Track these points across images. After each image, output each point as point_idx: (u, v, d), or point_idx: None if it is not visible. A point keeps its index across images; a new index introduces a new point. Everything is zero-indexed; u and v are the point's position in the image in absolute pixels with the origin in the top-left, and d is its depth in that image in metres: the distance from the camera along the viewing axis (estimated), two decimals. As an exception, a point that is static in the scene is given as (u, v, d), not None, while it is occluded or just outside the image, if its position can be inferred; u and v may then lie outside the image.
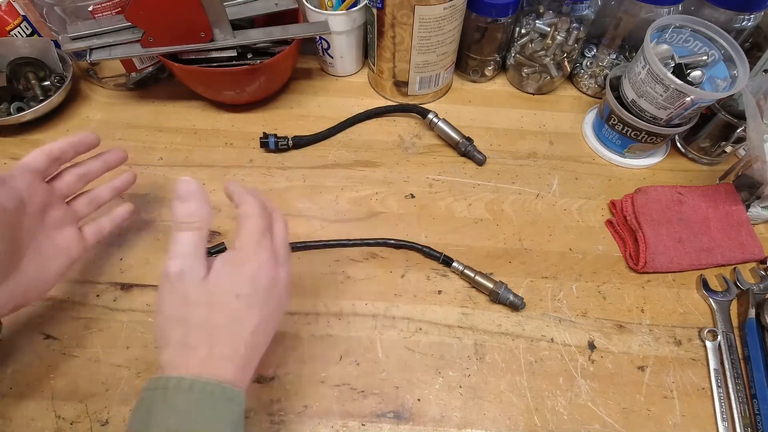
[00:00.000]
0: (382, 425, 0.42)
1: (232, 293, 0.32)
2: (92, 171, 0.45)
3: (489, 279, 0.49)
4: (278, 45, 0.61)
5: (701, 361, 0.46)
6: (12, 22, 0.62)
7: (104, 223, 0.47)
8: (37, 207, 0.39)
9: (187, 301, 0.32)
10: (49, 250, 0.40)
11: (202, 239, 0.33)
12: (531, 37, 0.63)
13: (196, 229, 0.33)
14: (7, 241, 0.36)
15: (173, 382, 0.29)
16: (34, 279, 0.39)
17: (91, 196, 0.46)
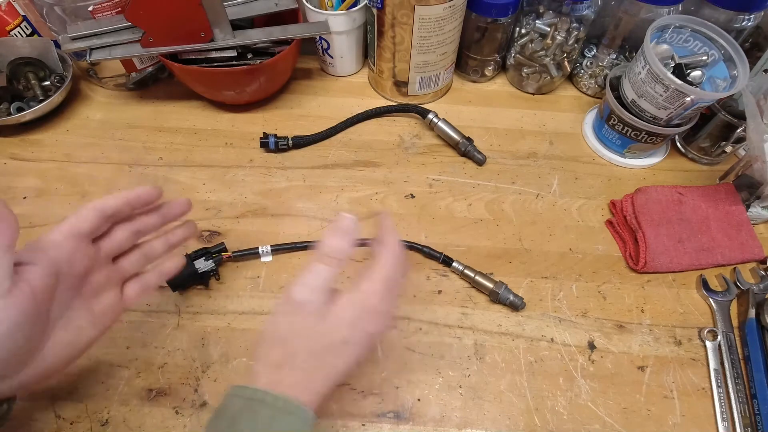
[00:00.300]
0: (382, 425, 0.42)
1: (342, 338, 0.32)
2: (149, 227, 0.38)
3: (489, 279, 0.49)
4: (278, 45, 0.61)
5: (701, 361, 0.46)
6: (12, 22, 0.62)
7: (151, 279, 0.39)
8: (78, 276, 0.33)
9: (300, 330, 0.32)
10: (82, 322, 0.34)
11: (334, 276, 0.33)
12: (531, 37, 0.63)
13: (335, 265, 0.33)
14: (31, 326, 0.30)
15: (263, 396, 0.30)
16: (59, 357, 0.33)
17: (142, 252, 0.39)
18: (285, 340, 0.33)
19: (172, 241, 0.41)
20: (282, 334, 0.33)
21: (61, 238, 0.32)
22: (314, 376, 0.32)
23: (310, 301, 0.32)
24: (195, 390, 0.43)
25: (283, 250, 0.52)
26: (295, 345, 0.32)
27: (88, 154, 0.60)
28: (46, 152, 0.60)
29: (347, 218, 0.34)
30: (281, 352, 0.32)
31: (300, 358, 0.32)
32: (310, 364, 0.32)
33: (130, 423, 0.41)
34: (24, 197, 0.55)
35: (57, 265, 0.32)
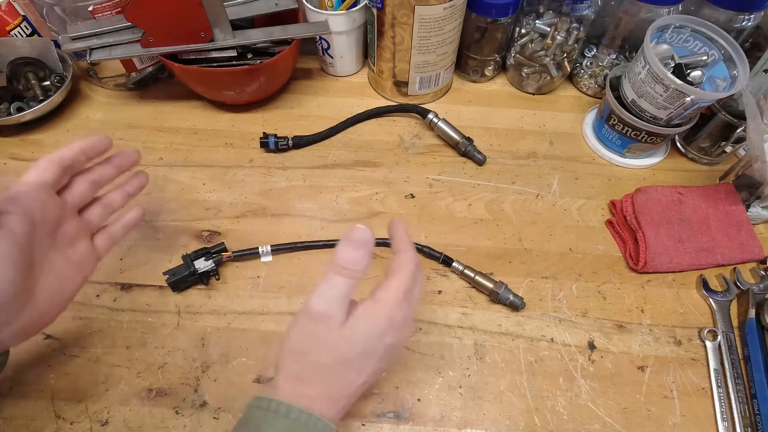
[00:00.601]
0: (382, 425, 0.42)
1: (360, 348, 0.32)
2: (105, 177, 0.41)
3: (489, 279, 0.49)
4: (278, 45, 0.61)
5: (701, 361, 0.46)
6: (12, 22, 0.62)
7: (116, 230, 0.42)
8: (51, 225, 0.36)
9: (318, 342, 0.32)
10: (64, 269, 0.37)
11: (353, 287, 0.33)
12: (531, 37, 0.63)
13: (352, 277, 0.32)
14: (21, 270, 0.32)
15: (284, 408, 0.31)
16: (50, 303, 0.35)
17: (103, 204, 0.42)
18: (304, 352, 0.33)
19: (129, 191, 0.43)
20: (300, 346, 0.33)
21: (30, 188, 0.34)
22: (334, 389, 0.32)
23: (329, 314, 0.32)
24: (195, 390, 0.43)
25: (283, 250, 0.52)
26: (314, 357, 0.32)
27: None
28: (46, 152, 0.58)
29: (362, 230, 0.33)
30: (300, 365, 0.33)
31: (319, 371, 0.32)
32: (330, 376, 0.32)
33: (130, 423, 0.41)
34: (24, 197, 0.55)
35: (31, 213, 0.34)
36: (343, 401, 0.33)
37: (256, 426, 0.31)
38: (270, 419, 0.31)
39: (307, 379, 0.32)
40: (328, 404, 0.32)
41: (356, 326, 0.32)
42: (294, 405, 0.31)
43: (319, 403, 0.32)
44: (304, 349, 0.33)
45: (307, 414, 0.31)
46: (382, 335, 0.33)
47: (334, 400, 0.33)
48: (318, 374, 0.32)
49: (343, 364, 0.32)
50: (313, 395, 0.32)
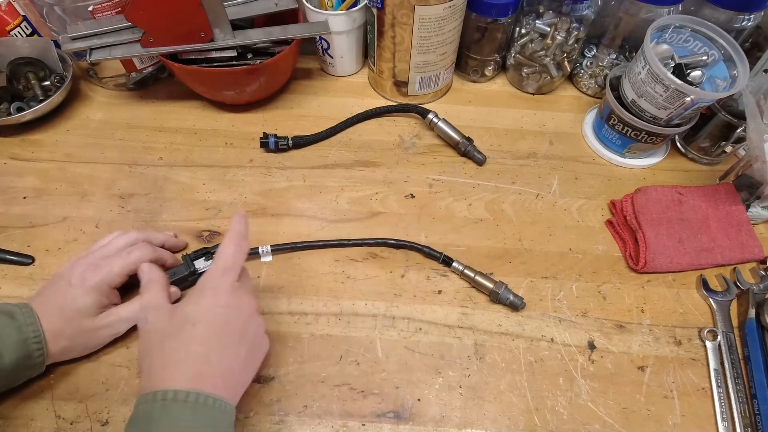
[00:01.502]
0: (382, 425, 0.42)
1: (189, 322, 0.36)
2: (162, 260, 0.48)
3: (489, 279, 0.49)
4: (278, 45, 0.61)
5: (701, 361, 0.46)
6: (12, 22, 0.62)
7: None
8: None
9: (156, 336, 0.36)
10: None
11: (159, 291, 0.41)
12: (531, 37, 0.63)
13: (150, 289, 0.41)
14: None
15: (170, 395, 0.32)
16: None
17: None
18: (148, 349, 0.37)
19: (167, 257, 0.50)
20: (144, 346, 0.37)
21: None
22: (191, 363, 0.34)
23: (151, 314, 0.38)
24: (195, 390, 0.43)
25: (283, 250, 0.52)
26: (164, 347, 0.35)
27: (88, 154, 0.60)
28: (46, 152, 0.60)
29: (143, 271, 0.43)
30: (159, 357, 0.35)
31: (171, 354, 0.35)
32: (177, 357, 0.34)
33: (130, 423, 0.41)
34: (24, 197, 0.55)
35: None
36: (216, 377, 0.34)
37: (148, 419, 0.32)
38: (159, 408, 0.32)
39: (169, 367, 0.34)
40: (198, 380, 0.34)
41: (180, 310, 0.37)
42: (182, 388, 0.32)
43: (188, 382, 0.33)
44: (147, 347, 0.37)
45: (187, 392, 0.32)
46: (208, 308, 0.36)
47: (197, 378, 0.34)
48: (165, 360, 0.35)
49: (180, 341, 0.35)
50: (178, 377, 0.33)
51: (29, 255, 0.50)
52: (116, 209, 0.55)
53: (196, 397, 0.32)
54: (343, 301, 0.49)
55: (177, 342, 0.35)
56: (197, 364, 0.34)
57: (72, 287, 0.41)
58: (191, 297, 0.37)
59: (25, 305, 0.40)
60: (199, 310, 0.36)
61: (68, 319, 0.40)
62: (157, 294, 0.40)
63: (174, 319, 0.36)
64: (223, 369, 0.35)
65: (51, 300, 0.41)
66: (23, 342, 0.38)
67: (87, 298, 0.41)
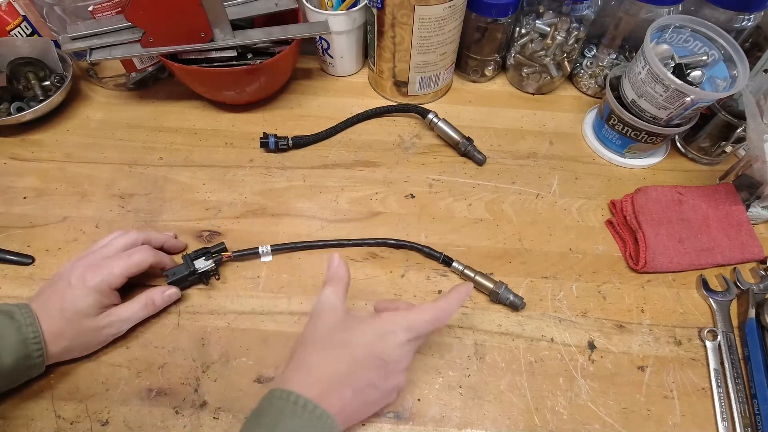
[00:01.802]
0: (382, 425, 0.42)
1: (349, 344, 0.36)
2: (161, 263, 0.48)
3: (489, 279, 0.49)
4: (278, 45, 0.61)
5: (701, 361, 0.46)
6: (12, 22, 0.62)
7: None
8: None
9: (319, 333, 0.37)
10: None
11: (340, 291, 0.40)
12: (531, 37, 0.63)
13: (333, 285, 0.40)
14: None
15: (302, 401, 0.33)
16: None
17: None
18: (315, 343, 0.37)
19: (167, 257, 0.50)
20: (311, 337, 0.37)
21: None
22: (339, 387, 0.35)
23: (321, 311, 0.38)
24: (195, 390, 0.43)
25: (283, 250, 0.52)
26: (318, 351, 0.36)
27: (88, 154, 0.60)
28: (46, 152, 0.60)
29: None
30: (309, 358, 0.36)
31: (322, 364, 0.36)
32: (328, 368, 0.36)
33: (130, 423, 0.41)
34: (24, 197, 0.55)
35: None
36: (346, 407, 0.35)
37: (278, 414, 0.33)
38: (290, 411, 0.33)
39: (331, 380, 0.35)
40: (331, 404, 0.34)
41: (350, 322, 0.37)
42: (316, 402, 0.33)
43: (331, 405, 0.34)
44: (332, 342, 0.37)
45: (321, 410, 0.33)
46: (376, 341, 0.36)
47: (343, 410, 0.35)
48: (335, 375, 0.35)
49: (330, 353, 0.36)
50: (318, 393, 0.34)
51: (29, 255, 0.50)
52: (116, 209, 0.55)
53: (321, 413, 0.33)
54: (343, 301, 0.49)
55: (329, 355, 0.36)
56: (333, 383, 0.35)
57: (72, 288, 0.41)
58: (370, 320, 0.37)
59: (24, 305, 0.40)
60: (365, 339, 0.36)
61: (68, 320, 0.40)
62: (337, 294, 0.39)
63: (341, 331, 0.37)
64: (350, 403, 0.36)
65: (51, 300, 0.41)
66: (23, 342, 0.38)
67: (87, 298, 0.41)
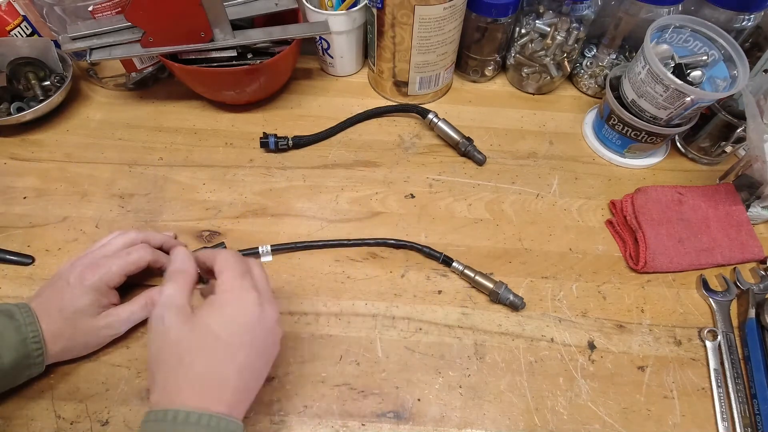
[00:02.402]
0: (382, 425, 0.42)
1: (212, 335, 0.34)
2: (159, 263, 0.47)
3: (489, 279, 0.49)
4: (278, 45, 0.61)
5: (701, 361, 0.46)
6: (12, 22, 0.61)
7: None
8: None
9: (173, 344, 0.34)
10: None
11: (184, 288, 0.36)
12: (531, 37, 0.63)
13: (176, 281, 0.36)
14: None
15: (182, 415, 0.31)
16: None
17: None
18: (165, 360, 0.34)
19: None
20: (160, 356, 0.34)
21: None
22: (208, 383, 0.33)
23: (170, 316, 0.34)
24: (195, 390, 0.43)
25: (283, 250, 0.52)
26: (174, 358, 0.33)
27: (88, 154, 0.60)
28: (46, 152, 0.60)
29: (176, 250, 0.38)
30: (164, 370, 0.33)
31: (183, 369, 0.33)
32: (198, 373, 0.33)
33: (130, 423, 0.41)
34: (24, 197, 0.55)
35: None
36: (227, 394, 0.33)
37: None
38: (169, 429, 0.30)
39: (180, 383, 0.33)
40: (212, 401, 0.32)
41: (201, 320, 0.34)
42: (193, 410, 0.31)
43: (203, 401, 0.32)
44: (164, 357, 0.34)
45: (199, 414, 0.31)
46: (232, 320, 0.34)
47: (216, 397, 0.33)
48: (185, 375, 0.33)
49: (202, 358, 0.33)
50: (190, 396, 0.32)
51: (29, 255, 0.50)
52: (116, 209, 0.55)
53: (209, 420, 0.31)
54: (343, 301, 0.49)
55: (198, 357, 0.33)
56: (215, 384, 0.33)
57: (71, 287, 0.41)
58: (213, 305, 0.35)
59: (24, 305, 0.40)
60: (223, 322, 0.34)
61: (67, 319, 0.40)
62: (182, 291, 0.36)
63: (195, 329, 0.34)
64: (240, 386, 0.34)
65: (50, 300, 0.41)
66: (22, 342, 0.38)
67: (85, 297, 0.41)
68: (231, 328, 0.34)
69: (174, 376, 0.33)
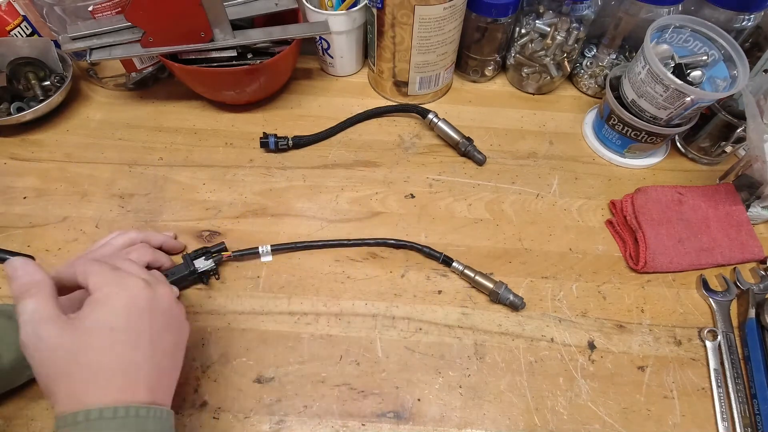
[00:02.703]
0: (382, 425, 0.42)
1: (106, 328, 0.32)
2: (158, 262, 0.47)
3: (489, 279, 0.49)
4: (278, 45, 0.61)
5: (701, 361, 0.46)
6: (12, 22, 0.62)
7: None
8: None
9: (60, 351, 0.31)
10: None
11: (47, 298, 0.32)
12: (531, 37, 0.63)
13: (34, 295, 0.32)
14: None
15: (94, 413, 0.29)
16: None
17: None
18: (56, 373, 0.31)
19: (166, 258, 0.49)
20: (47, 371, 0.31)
21: None
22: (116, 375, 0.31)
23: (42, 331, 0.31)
24: (195, 390, 0.43)
25: (283, 250, 0.52)
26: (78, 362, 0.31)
27: (88, 154, 0.60)
28: (46, 152, 0.60)
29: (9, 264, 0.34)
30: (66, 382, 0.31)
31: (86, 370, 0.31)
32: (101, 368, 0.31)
33: (130, 423, 0.41)
34: (24, 197, 0.55)
35: None
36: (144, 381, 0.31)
37: None
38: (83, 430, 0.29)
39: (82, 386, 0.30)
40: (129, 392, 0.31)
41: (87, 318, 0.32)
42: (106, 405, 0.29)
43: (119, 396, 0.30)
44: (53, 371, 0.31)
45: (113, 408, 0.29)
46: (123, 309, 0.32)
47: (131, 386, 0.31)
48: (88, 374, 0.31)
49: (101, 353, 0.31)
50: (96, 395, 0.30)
51: (29, 255, 0.50)
52: (116, 209, 0.55)
53: (126, 411, 0.29)
54: (343, 301, 0.49)
55: (95, 353, 0.31)
56: (125, 374, 0.31)
57: None
58: (95, 303, 0.33)
59: None
60: (114, 313, 0.32)
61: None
62: (45, 303, 0.32)
63: (81, 329, 0.31)
64: (155, 370, 0.32)
65: None
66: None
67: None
68: (124, 316, 0.32)
69: (74, 380, 0.31)
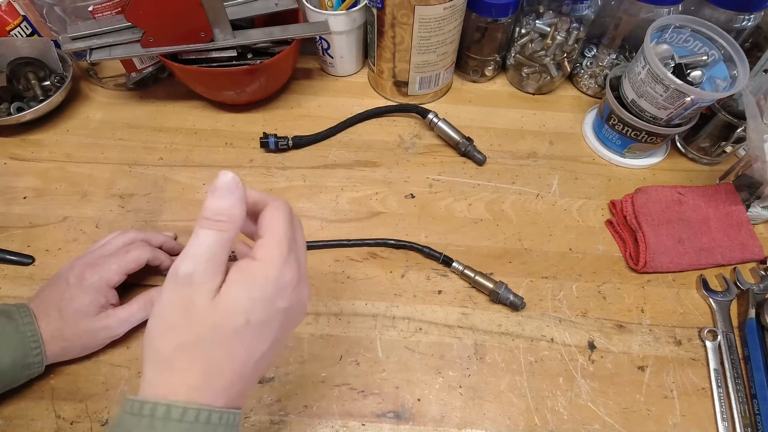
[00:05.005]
0: (382, 425, 0.42)
1: (242, 316, 0.27)
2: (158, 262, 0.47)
3: (489, 279, 0.49)
4: (278, 45, 0.61)
5: (701, 361, 0.46)
6: (12, 22, 0.61)
7: None
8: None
9: (190, 313, 0.26)
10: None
11: (225, 244, 0.27)
12: (531, 37, 0.63)
13: (222, 230, 0.27)
14: None
15: (161, 409, 0.25)
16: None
17: None
18: (174, 327, 0.26)
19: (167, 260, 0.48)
20: (171, 321, 0.27)
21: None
22: (220, 370, 0.27)
23: (198, 275, 0.26)
24: (195, 390, 0.43)
25: (283, 250, 0.52)
26: (186, 334, 0.26)
27: (88, 154, 0.60)
28: (46, 152, 0.60)
29: (224, 173, 0.27)
30: (173, 347, 0.26)
31: (197, 351, 0.26)
32: (210, 358, 0.27)
33: (130, 423, 0.41)
34: (24, 197, 0.55)
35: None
36: (236, 387, 0.27)
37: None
38: (146, 427, 0.25)
39: (183, 366, 0.26)
40: (214, 394, 0.27)
41: (231, 293, 0.27)
42: (175, 403, 0.25)
43: (203, 394, 0.26)
44: (175, 324, 0.26)
45: (183, 407, 0.25)
46: (268, 301, 0.27)
47: (222, 389, 0.27)
48: (194, 357, 0.26)
49: (221, 342, 0.27)
50: (191, 385, 0.26)
51: (29, 255, 0.50)
52: (116, 209, 0.55)
53: (196, 415, 0.25)
54: (343, 301, 0.49)
55: (217, 344, 0.27)
56: (224, 374, 0.27)
57: (70, 286, 0.41)
58: (246, 276, 0.27)
59: (22, 305, 0.40)
60: (254, 302, 0.27)
61: (66, 320, 0.40)
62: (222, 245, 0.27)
63: (220, 304, 0.26)
64: (251, 374, 0.28)
65: (49, 300, 0.41)
66: (21, 342, 0.38)
67: (84, 297, 0.41)
68: (263, 313, 0.27)
69: (183, 358, 0.26)
